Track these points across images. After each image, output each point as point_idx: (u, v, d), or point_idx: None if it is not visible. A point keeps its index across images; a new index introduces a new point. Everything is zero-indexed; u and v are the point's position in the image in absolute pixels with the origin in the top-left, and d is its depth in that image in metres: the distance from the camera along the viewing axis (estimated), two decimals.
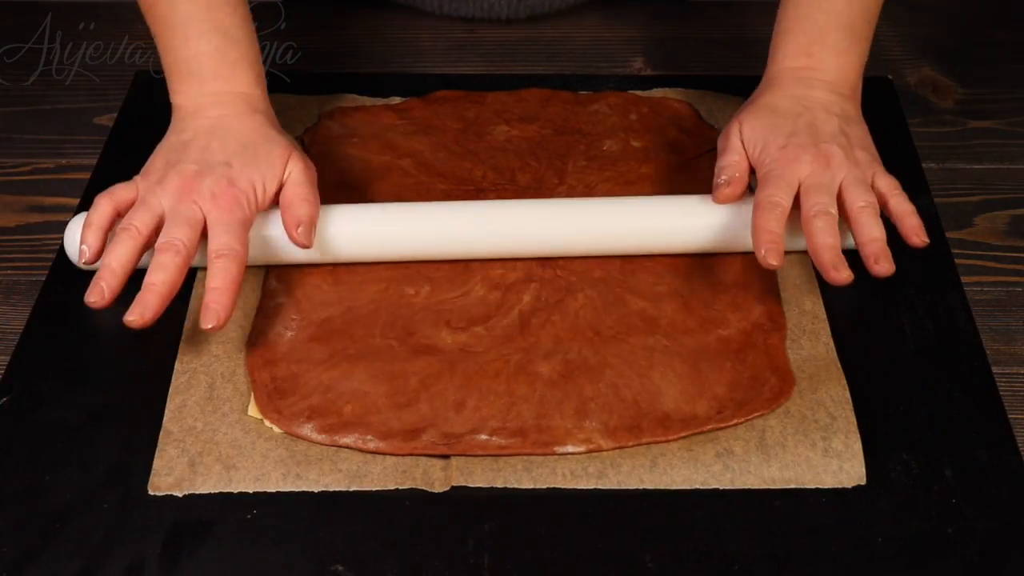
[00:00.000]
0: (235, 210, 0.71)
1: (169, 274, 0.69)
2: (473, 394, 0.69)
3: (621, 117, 0.90)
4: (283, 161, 0.74)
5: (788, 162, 0.74)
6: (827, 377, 0.70)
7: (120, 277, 0.70)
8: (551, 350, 0.72)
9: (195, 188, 0.72)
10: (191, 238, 0.70)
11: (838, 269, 0.70)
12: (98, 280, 0.69)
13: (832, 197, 0.73)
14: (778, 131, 0.76)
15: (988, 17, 1.06)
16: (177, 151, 0.74)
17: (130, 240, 0.70)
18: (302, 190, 0.73)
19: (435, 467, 0.66)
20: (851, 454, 0.66)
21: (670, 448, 0.67)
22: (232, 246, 0.70)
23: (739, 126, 0.78)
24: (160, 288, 0.69)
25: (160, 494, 0.65)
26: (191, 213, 0.71)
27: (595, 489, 0.65)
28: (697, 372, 0.70)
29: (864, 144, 0.77)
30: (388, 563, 0.62)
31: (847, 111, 0.78)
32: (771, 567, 0.62)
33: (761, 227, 0.71)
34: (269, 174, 0.73)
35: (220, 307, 0.68)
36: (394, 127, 0.89)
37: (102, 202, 0.72)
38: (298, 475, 0.66)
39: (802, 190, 0.73)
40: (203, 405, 0.69)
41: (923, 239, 0.73)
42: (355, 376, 0.70)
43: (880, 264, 0.71)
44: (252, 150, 0.74)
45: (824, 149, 0.74)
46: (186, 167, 0.73)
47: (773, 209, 0.72)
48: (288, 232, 0.72)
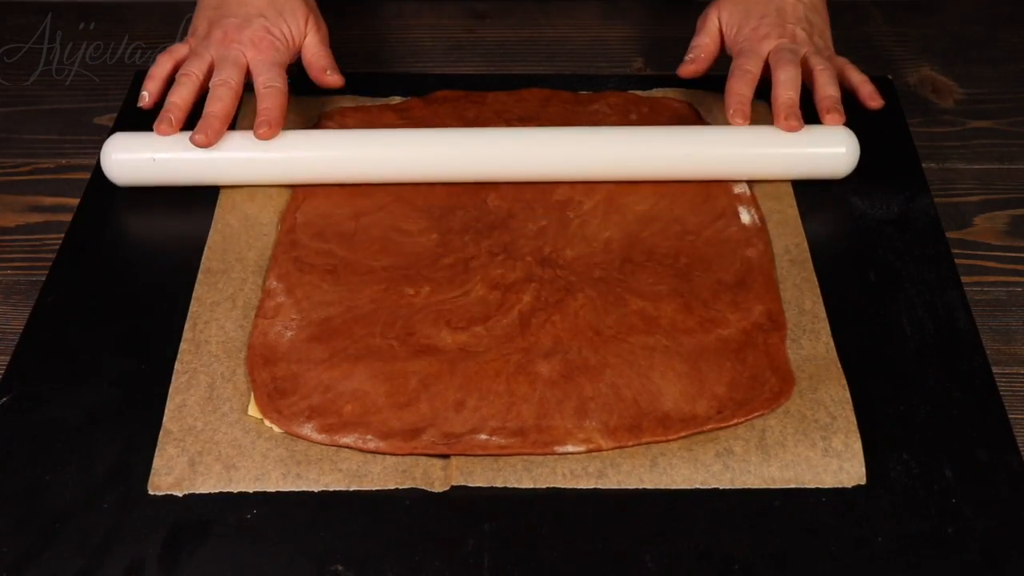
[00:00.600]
0: (273, 53, 0.85)
1: (224, 103, 0.82)
2: (473, 394, 0.69)
3: (621, 117, 0.90)
4: (304, 19, 0.88)
5: (759, 39, 0.87)
6: (827, 377, 0.70)
7: (183, 110, 0.82)
8: (551, 350, 0.72)
9: (237, 38, 0.85)
10: (238, 77, 0.84)
11: (789, 120, 0.81)
12: (166, 113, 0.81)
13: (796, 59, 0.84)
14: (751, 15, 0.88)
15: (988, 17, 1.06)
16: (215, 8, 0.87)
17: (189, 82, 0.83)
18: (319, 49, 0.89)
19: (435, 467, 0.66)
20: (851, 454, 0.66)
21: (670, 448, 0.67)
22: (275, 80, 0.83)
23: (718, 11, 0.90)
24: (219, 113, 0.81)
25: (160, 493, 0.65)
26: (236, 57, 0.85)
27: (595, 489, 0.65)
28: (697, 372, 0.70)
29: (823, 32, 0.89)
30: (388, 563, 0.62)
31: (813, 1, 0.90)
32: (771, 567, 0.62)
33: (732, 90, 0.83)
34: (295, 28, 0.88)
35: (272, 118, 0.81)
36: (394, 126, 0.89)
37: (162, 58, 0.86)
38: (298, 475, 0.66)
39: (770, 55, 0.86)
40: (203, 405, 0.69)
41: (879, 102, 0.86)
42: (355, 376, 0.70)
43: (831, 114, 0.82)
44: (279, 6, 0.87)
45: (789, 29, 0.87)
46: (227, 21, 0.86)
47: (744, 75, 0.84)
48: (318, 78, 0.89)
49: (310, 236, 0.79)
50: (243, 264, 0.78)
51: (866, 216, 0.82)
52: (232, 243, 0.79)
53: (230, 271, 0.77)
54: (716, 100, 0.92)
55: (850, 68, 0.88)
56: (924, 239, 0.80)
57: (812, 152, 0.82)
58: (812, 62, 0.85)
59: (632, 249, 0.79)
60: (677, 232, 0.80)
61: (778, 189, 0.83)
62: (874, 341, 0.73)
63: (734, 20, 0.89)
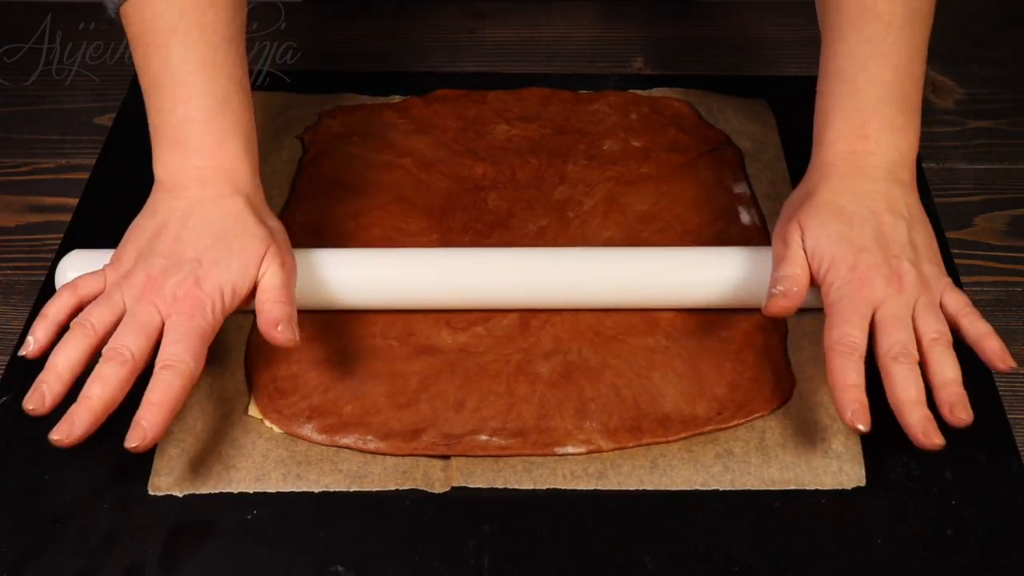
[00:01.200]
0: (195, 316, 0.65)
1: (109, 389, 0.62)
2: (473, 394, 0.69)
3: (621, 116, 0.90)
4: (258, 258, 0.67)
5: (859, 286, 0.66)
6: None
7: (65, 381, 0.63)
8: (551, 350, 0.72)
9: (159, 287, 0.65)
10: (142, 348, 0.63)
11: (928, 435, 0.62)
12: (39, 383, 0.63)
13: (911, 332, 0.65)
14: (847, 245, 0.67)
15: (988, 17, 1.06)
16: (148, 239, 0.68)
17: (83, 338, 0.64)
18: (276, 295, 0.67)
19: (435, 467, 0.66)
20: (851, 455, 0.66)
21: (670, 449, 0.67)
22: (181, 357, 0.63)
23: (800, 232, 0.69)
24: (95, 404, 0.62)
25: (160, 494, 0.65)
26: (148, 318, 0.64)
27: (595, 490, 0.65)
28: (697, 373, 0.70)
29: (931, 255, 0.69)
30: (388, 563, 0.62)
31: (911, 207, 0.70)
32: (771, 567, 0.62)
33: (840, 382, 0.63)
34: (240, 275, 0.67)
35: (150, 425, 0.61)
36: (394, 126, 0.89)
37: (64, 294, 0.67)
38: (298, 475, 0.66)
39: (877, 321, 0.65)
40: (203, 405, 0.69)
41: (1009, 363, 0.65)
42: (355, 376, 0.70)
43: (956, 414, 0.63)
44: (226, 244, 0.67)
45: (895, 267, 0.67)
46: (154, 262, 0.67)
47: (851, 355, 0.64)
48: (267, 333, 0.66)
49: (309, 236, 0.79)
50: None
51: None
52: None
53: None
54: (716, 100, 0.92)
55: (966, 315, 0.67)
56: None
57: None
58: (922, 327, 0.66)
59: None
60: (677, 232, 0.80)
61: (778, 190, 0.83)
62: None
63: (824, 249, 0.67)
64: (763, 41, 1.03)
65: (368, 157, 0.86)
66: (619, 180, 0.84)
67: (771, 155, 0.87)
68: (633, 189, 0.83)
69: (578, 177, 0.84)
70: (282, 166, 0.86)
